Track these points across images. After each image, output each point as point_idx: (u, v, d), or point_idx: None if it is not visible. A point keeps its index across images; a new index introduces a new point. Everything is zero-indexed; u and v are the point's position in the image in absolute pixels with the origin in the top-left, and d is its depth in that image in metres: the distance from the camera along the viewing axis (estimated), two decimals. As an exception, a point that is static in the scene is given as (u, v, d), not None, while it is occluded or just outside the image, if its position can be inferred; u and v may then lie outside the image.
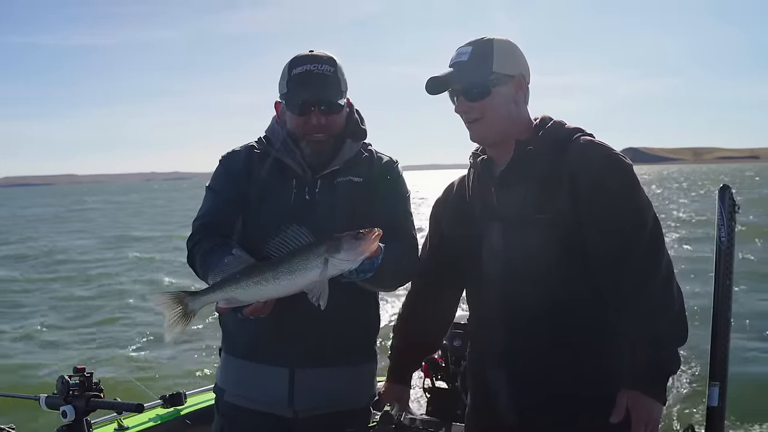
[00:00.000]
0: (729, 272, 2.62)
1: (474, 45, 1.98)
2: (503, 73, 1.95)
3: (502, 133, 2.00)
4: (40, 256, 21.20)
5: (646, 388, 1.86)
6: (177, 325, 1.82)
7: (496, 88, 1.95)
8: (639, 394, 1.86)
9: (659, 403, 1.88)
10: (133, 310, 11.83)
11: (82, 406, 2.65)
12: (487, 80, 1.94)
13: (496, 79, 1.95)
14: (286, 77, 2.04)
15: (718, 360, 2.64)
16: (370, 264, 1.78)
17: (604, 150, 1.92)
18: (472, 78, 1.95)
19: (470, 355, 2.27)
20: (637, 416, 1.86)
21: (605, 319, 1.92)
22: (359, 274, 1.79)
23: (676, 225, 21.99)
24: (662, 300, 1.87)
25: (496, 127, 1.99)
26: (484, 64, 1.94)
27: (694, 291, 7.62)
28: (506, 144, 2.01)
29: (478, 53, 1.96)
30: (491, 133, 2.00)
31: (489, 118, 1.97)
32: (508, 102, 1.98)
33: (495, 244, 2.01)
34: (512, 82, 1.97)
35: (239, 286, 1.75)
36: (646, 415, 1.86)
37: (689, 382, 6.73)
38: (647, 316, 1.85)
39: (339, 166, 2.06)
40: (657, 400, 1.87)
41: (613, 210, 1.87)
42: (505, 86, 1.96)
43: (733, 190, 2.63)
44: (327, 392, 2.05)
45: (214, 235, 2.04)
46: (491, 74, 1.94)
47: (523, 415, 2.00)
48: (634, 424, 1.86)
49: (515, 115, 2.00)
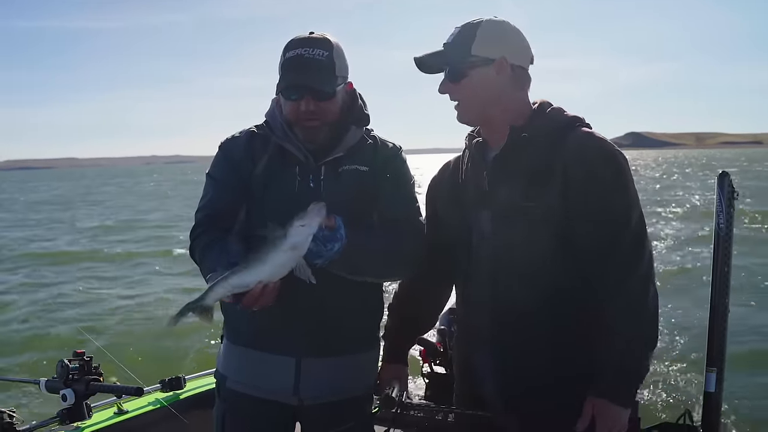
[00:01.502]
0: (727, 259, 2.63)
1: (462, 27, 1.97)
2: (482, 56, 1.93)
3: (484, 116, 1.99)
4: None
5: (612, 395, 1.84)
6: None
7: (474, 70, 1.93)
8: (605, 401, 1.84)
9: (626, 409, 1.86)
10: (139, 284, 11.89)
11: (81, 389, 2.67)
12: (464, 62, 1.93)
13: (475, 61, 1.93)
14: (280, 61, 2.00)
15: (716, 346, 2.65)
16: (332, 234, 1.76)
17: (600, 143, 1.91)
18: (450, 59, 1.95)
19: (457, 342, 2.26)
20: (602, 423, 1.84)
21: (594, 310, 1.90)
22: (326, 245, 1.76)
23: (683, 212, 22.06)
24: (640, 297, 1.86)
25: (475, 109, 1.98)
26: (463, 46, 1.93)
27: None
28: (499, 128, 1.98)
29: (461, 35, 1.95)
30: (470, 115, 2.01)
31: (466, 100, 1.97)
32: (488, 85, 1.94)
33: (484, 231, 2.00)
34: (493, 65, 1.93)
35: (234, 272, 1.77)
36: (611, 422, 1.84)
37: (686, 368, 6.76)
38: (624, 311, 1.84)
39: (342, 153, 2.03)
40: (624, 407, 1.86)
41: (603, 203, 1.85)
42: (485, 68, 1.93)
43: (733, 178, 2.63)
44: (333, 381, 2.04)
45: (216, 227, 2.01)
46: (470, 56, 1.92)
47: (510, 402, 2.00)
48: (598, 430, 1.84)
49: (502, 99, 1.97)
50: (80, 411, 2.69)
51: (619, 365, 1.84)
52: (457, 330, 2.26)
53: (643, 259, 1.87)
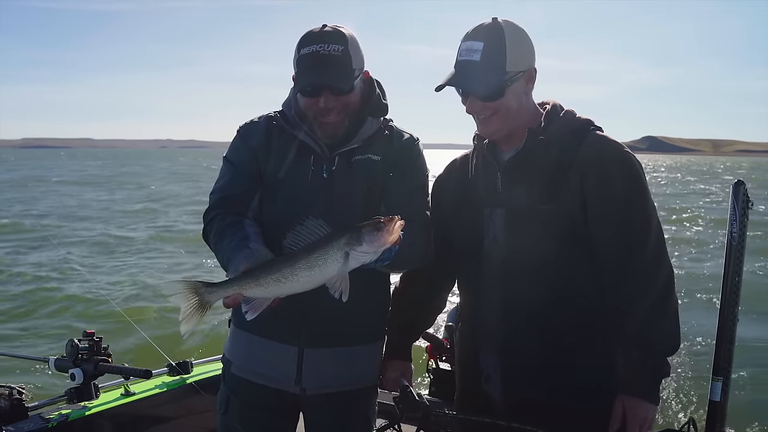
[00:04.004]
0: (739, 268, 2.61)
1: (484, 40, 1.89)
2: (516, 71, 1.90)
3: (513, 126, 1.97)
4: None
5: (641, 392, 1.88)
6: (192, 318, 1.77)
7: (510, 87, 1.91)
8: (634, 398, 1.88)
9: (653, 405, 1.90)
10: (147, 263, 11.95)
11: (90, 369, 2.70)
12: (502, 82, 1.89)
13: (510, 78, 1.90)
14: (295, 56, 1.99)
15: (723, 355, 2.64)
16: (388, 252, 1.75)
17: (617, 147, 1.91)
18: (486, 81, 1.89)
19: (461, 340, 2.24)
20: (633, 419, 1.88)
21: (604, 314, 1.92)
22: (377, 263, 1.76)
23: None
24: (662, 305, 1.88)
25: (509, 122, 1.95)
26: (497, 64, 1.88)
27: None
28: (516, 132, 1.98)
29: (490, 52, 1.88)
30: (504, 127, 1.97)
31: (502, 114, 1.93)
32: (519, 96, 1.95)
33: (497, 230, 2.00)
34: (524, 76, 1.94)
35: (258, 282, 1.71)
36: (642, 418, 1.88)
37: (691, 376, 6.73)
38: (646, 319, 1.86)
39: (358, 144, 2.03)
40: (651, 402, 1.89)
41: (622, 210, 1.87)
42: (518, 82, 1.92)
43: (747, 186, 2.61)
44: (336, 371, 2.05)
45: (231, 211, 2.01)
46: (505, 74, 1.89)
47: (515, 403, 2.01)
48: (629, 427, 1.88)
49: (524, 105, 1.98)
50: (88, 391, 2.73)
51: (647, 365, 1.88)
52: (462, 328, 2.24)
53: (665, 267, 1.89)
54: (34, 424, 2.52)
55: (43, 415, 2.58)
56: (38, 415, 2.59)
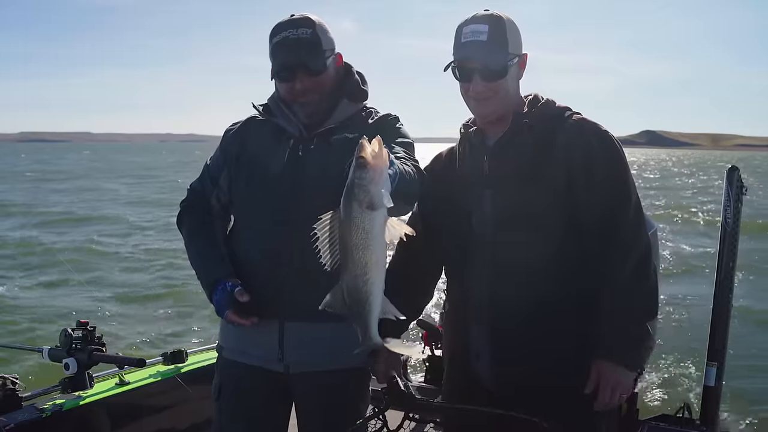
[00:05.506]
0: (733, 254, 2.62)
1: (489, 24, 1.98)
2: (515, 53, 2.01)
3: (505, 109, 2.05)
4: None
5: (615, 356, 1.90)
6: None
7: (511, 68, 2.00)
8: (607, 362, 1.90)
9: (630, 371, 1.93)
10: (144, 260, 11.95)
11: (84, 359, 2.70)
12: (506, 61, 1.98)
13: (511, 59, 1.99)
14: (269, 48, 2.07)
15: (717, 341, 2.65)
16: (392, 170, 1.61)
17: (597, 126, 2.01)
18: (493, 59, 1.97)
19: (449, 320, 2.27)
20: (605, 381, 1.90)
21: (593, 286, 1.96)
22: (395, 183, 1.61)
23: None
24: (642, 273, 1.93)
25: (504, 104, 2.03)
26: (502, 45, 1.98)
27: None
28: (504, 118, 2.05)
29: (494, 34, 1.97)
30: (498, 109, 2.04)
31: (501, 96, 2.01)
32: (514, 80, 2.05)
33: (485, 210, 2.04)
34: (520, 60, 2.04)
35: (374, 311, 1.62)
36: (615, 381, 1.90)
37: (686, 361, 6.77)
38: (626, 287, 1.91)
39: (334, 124, 2.07)
40: (627, 367, 1.91)
41: (604, 181, 1.93)
42: (515, 66, 2.02)
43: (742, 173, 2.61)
44: (320, 349, 2.04)
45: (199, 207, 2.21)
46: (508, 55, 1.98)
47: (505, 380, 2.03)
48: (600, 389, 1.90)
49: (515, 91, 2.07)
50: (82, 380, 2.72)
51: (621, 329, 1.90)
52: (450, 309, 2.27)
53: (644, 234, 1.96)
54: (28, 414, 2.52)
55: (37, 405, 2.58)
56: (32, 405, 2.59)
